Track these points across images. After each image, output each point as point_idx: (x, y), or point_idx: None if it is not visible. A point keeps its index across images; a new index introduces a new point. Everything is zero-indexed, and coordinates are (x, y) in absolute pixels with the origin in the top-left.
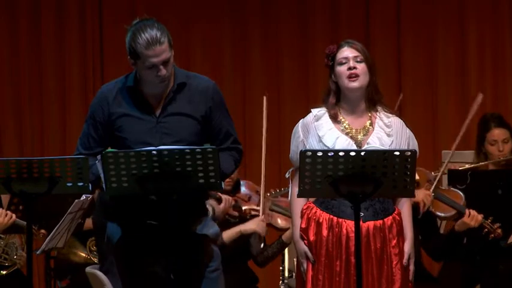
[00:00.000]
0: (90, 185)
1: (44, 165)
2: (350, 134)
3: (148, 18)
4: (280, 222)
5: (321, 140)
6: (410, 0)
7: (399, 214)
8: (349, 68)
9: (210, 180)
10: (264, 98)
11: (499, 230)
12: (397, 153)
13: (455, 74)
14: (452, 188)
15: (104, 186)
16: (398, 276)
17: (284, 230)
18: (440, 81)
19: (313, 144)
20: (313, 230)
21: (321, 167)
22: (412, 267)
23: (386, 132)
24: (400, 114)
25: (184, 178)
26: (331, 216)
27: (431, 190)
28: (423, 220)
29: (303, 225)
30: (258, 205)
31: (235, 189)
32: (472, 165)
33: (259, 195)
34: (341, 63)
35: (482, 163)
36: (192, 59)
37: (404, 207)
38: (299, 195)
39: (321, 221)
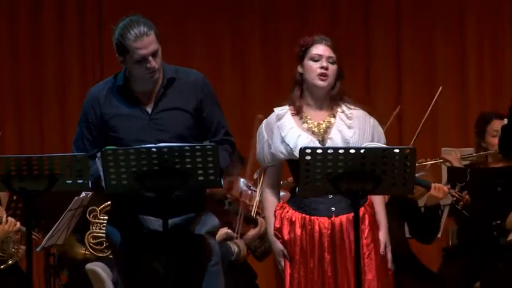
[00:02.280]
0: (89, 182)
1: (43, 162)
2: (311, 130)
3: (133, 15)
4: None
5: (283, 140)
6: (409, 2)
7: (370, 205)
8: (322, 67)
9: (209, 177)
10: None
11: (467, 197)
12: (396, 150)
13: (455, 73)
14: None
15: (103, 185)
16: (372, 265)
17: None
18: (440, 80)
19: (276, 144)
20: (286, 229)
21: (321, 165)
22: (389, 255)
23: (347, 124)
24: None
25: (183, 175)
26: (304, 214)
27: None
28: (405, 211)
29: (277, 225)
30: (250, 201)
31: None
32: (474, 155)
33: (251, 191)
34: (314, 59)
35: (483, 153)
36: (191, 57)
37: (377, 196)
38: (299, 194)
39: (293, 220)
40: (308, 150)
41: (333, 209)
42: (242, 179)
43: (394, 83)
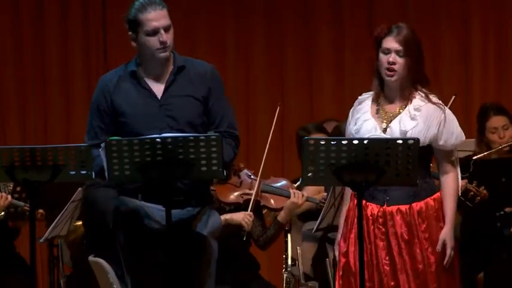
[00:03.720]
0: (93, 173)
1: (47, 153)
2: (381, 118)
3: None
4: (274, 202)
5: (355, 123)
6: None
7: (436, 199)
8: (388, 62)
9: (212, 168)
10: (278, 108)
11: (485, 191)
12: (399, 141)
13: (459, 71)
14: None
15: (106, 175)
16: (433, 260)
17: (278, 210)
18: (445, 78)
19: (350, 126)
20: (350, 219)
21: (324, 155)
22: (448, 252)
23: (411, 116)
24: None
25: (187, 165)
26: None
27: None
28: None
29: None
30: (250, 190)
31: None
32: (476, 157)
33: (252, 180)
34: (384, 53)
35: (486, 153)
36: (196, 52)
37: (447, 189)
38: (302, 184)
39: (352, 205)
40: (311, 141)
41: (388, 197)
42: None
43: None
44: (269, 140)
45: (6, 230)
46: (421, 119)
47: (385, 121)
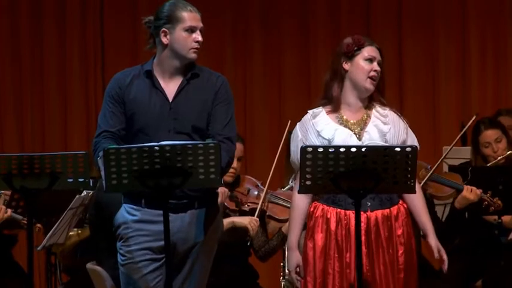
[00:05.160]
0: (90, 180)
1: (45, 160)
2: (348, 126)
3: None
4: (280, 213)
5: (319, 135)
6: (411, 1)
7: (403, 205)
8: (375, 70)
9: (210, 176)
10: (288, 123)
11: (499, 202)
12: (398, 149)
13: (456, 73)
14: (450, 172)
15: (103, 183)
16: (403, 266)
17: (284, 221)
18: (441, 80)
19: (312, 139)
20: (321, 227)
21: (322, 163)
22: (445, 256)
23: (383, 121)
24: (403, 114)
25: (184, 174)
26: (339, 209)
27: (428, 175)
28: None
29: (311, 224)
30: (257, 199)
31: (234, 184)
32: (488, 165)
33: (259, 189)
34: (368, 60)
35: (493, 162)
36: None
37: (419, 202)
38: (300, 191)
39: (328, 216)
40: (309, 149)
41: (369, 203)
42: (250, 177)
43: (395, 82)
44: (278, 152)
45: (3, 238)
46: (391, 124)
47: (357, 128)
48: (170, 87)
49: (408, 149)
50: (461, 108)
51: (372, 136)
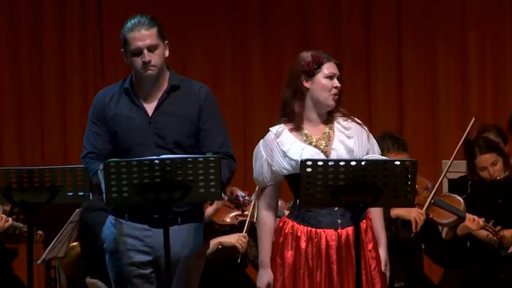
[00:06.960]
0: (90, 194)
1: (45, 174)
2: (313, 144)
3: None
4: None
5: (286, 155)
6: (410, 11)
7: (370, 219)
8: (337, 88)
9: (210, 190)
10: None
11: (501, 232)
12: (397, 163)
13: (456, 84)
14: (451, 194)
15: (103, 196)
16: (378, 279)
17: None
18: (441, 90)
19: (279, 161)
20: (290, 245)
21: (322, 177)
22: (388, 273)
23: (347, 135)
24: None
25: (184, 188)
26: (309, 228)
27: (429, 198)
28: (425, 228)
29: (280, 240)
30: (245, 210)
31: None
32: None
33: (246, 200)
34: (329, 77)
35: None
36: (192, 66)
37: (376, 213)
38: (303, 205)
39: (299, 234)
40: (309, 163)
41: (339, 221)
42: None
43: (394, 92)
44: None
45: (3, 251)
46: (355, 136)
47: (322, 144)
48: (150, 101)
49: (408, 163)
50: (461, 118)
51: (339, 153)
